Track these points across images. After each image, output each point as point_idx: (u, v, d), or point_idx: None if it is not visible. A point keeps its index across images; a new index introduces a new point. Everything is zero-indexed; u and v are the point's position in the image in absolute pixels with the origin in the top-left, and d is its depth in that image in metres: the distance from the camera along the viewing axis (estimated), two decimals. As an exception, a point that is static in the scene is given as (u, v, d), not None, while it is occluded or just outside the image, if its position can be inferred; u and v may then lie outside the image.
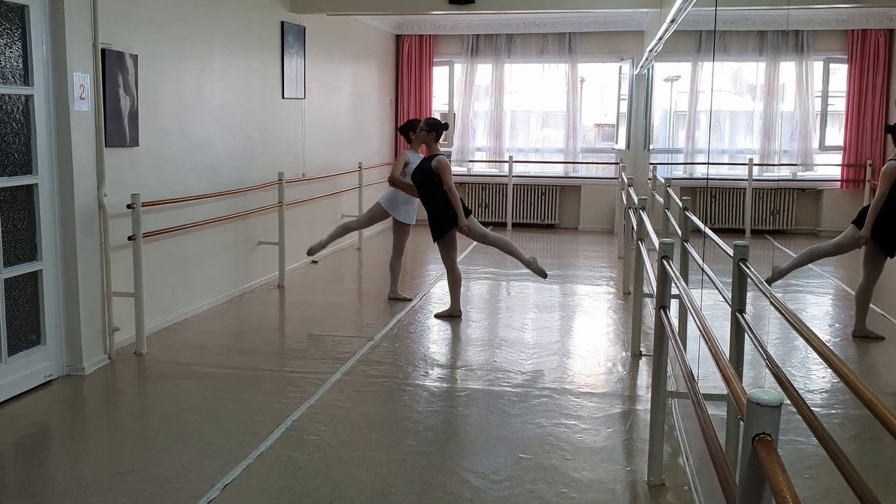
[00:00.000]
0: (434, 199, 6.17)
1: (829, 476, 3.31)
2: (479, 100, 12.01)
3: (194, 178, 6.15)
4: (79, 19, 4.67)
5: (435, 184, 6.12)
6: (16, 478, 3.48)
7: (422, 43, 11.64)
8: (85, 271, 4.80)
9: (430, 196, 6.19)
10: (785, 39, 10.78)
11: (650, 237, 4.84)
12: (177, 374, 4.84)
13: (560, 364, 5.13)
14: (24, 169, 4.46)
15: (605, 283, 7.78)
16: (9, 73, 4.32)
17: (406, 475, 3.47)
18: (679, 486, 3.37)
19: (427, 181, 6.16)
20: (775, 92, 11.02)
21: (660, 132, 12.52)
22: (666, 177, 7.54)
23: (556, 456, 3.68)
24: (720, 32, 10.73)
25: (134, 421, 4.23)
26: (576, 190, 11.64)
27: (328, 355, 5.24)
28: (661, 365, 3.28)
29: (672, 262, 3.38)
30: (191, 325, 5.97)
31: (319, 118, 8.74)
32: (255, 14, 7.23)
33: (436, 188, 6.13)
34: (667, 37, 7.21)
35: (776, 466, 1.38)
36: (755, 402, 1.47)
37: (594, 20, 10.95)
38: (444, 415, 4.24)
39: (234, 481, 3.38)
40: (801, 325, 2.38)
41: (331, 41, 9.09)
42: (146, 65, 5.46)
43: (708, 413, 2.27)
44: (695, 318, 2.65)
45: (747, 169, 10.92)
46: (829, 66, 10.88)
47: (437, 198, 6.14)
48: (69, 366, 4.79)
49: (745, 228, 10.79)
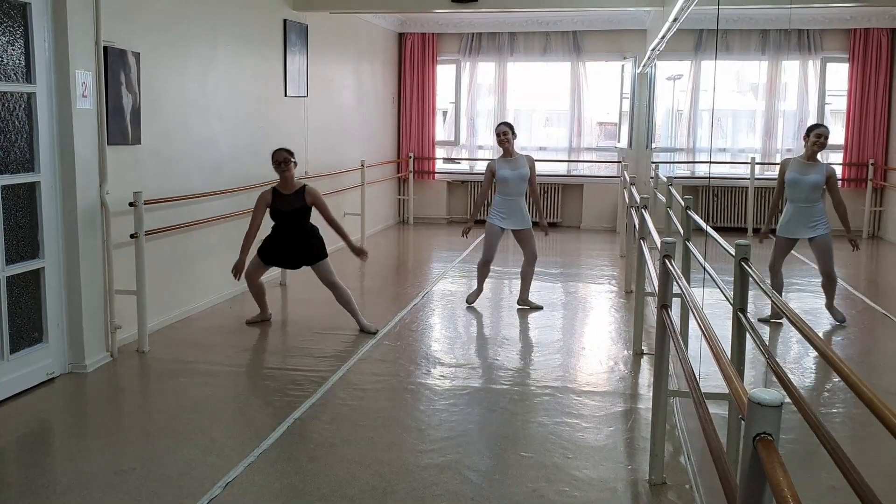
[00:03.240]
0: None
1: (829, 475, 3.30)
2: (481, 98, 12.01)
3: (196, 176, 6.15)
4: (81, 17, 4.68)
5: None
6: (18, 475, 3.49)
7: (425, 41, 11.64)
8: (87, 269, 4.81)
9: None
10: (787, 38, 10.76)
11: (652, 236, 4.83)
12: (179, 371, 4.85)
13: (562, 362, 5.14)
14: (26, 167, 4.47)
15: (607, 282, 7.78)
16: (11, 71, 4.32)
17: (408, 473, 3.47)
18: (680, 485, 3.37)
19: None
20: (777, 91, 11.00)
21: (662, 131, 12.51)
22: (668, 175, 7.54)
23: (557, 454, 3.68)
24: (722, 31, 10.71)
25: (136, 419, 4.24)
26: (578, 188, 11.64)
27: (330, 353, 5.25)
28: (663, 364, 3.28)
29: (674, 261, 3.38)
30: (193, 322, 5.97)
31: (322, 116, 8.74)
32: (258, 12, 7.23)
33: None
34: (669, 35, 7.20)
35: (777, 466, 1.38)
36: (756, 401, 1.48)
37: (597, 19, 10.95)
38: (446, 413, 4.25)
39: (236, 479, 3.39)
40: (803, 325, 2.38)
41: (333, 39, 9.09)
42: (149, 62, 5.47)
43: (709, 412, 2.27)
44: (696, 317, 2.65)
45: (749, 168, 10.91)
46: (825, 66, 10.86)
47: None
48: (71, 363, 4.80)
49: (747, 227, 10.79)
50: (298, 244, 5.73)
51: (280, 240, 5.75)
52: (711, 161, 11.56)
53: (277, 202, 5.65)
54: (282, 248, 5.75)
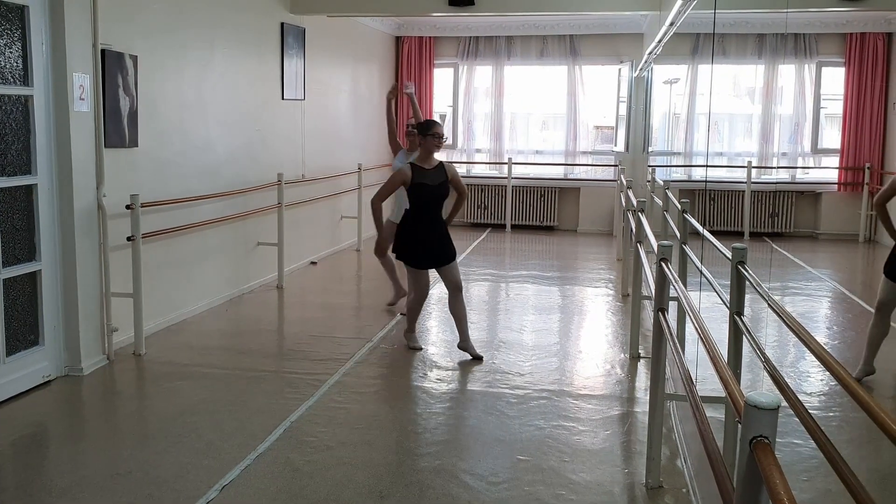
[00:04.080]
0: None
1: (826, 479, 3.31)
2: (479, 101, 12.02)
3: (194, 179, 6.15)
4: (79, 20, 4.68)
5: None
6: (14, 478, 3.48)
7: (422, 44, 11.65)
8: (84, 272, 4.80)
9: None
10: (783, 43, 10.79)
11: (649, 239, 4.84)
12: (175, 374, 4.84)
13: (558, 366, 5.14)
14: (23, 169, 4.47)
15: (604, 285, 7.78)
16: (8, 74, 4.32)
17: (404, 477, 3.47)
18: (677, 489, 3.37)
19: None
20: (774, 95, 11.04)
21: (659, 134, 12.53)
22: (665, 179, 7.55)
23: (554, 458, 3.68)
24: (719, 35, 10.74)
25: (132, 422, 4.23)
26: (575, 192, 11.65)
27: (327, 356, 5.24)
28: (660, 367, 3.29)
29: (671, 265, 3.38)
30: (189, 325, 5.97)
31: (319, 119, 8.74)
32: (256, 15, 7.24)
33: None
34: (666, 39, 7.21)
35: (773, 469, 1.38)
36: (753, 404, 1.48)
37: (594, 22, 10.97)
38: (443, 416, 4.25)
39: (233, 482, 3.38)
40: (799, 328, 2.39)
41: (331, 42, 9.09)
42: (146, 65, 5.47)
43: (706, 415, 2.27)
44: (693, 320, 2.66)
45: (746, 171, 10.94)
46: (821, 70, 10.90)
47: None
48: (67, 366, 4.79)
49: (744, 231, 10.81)
50: (438, 230, 5.20)
51: (421, 229, 5.15)
52: (708, 165, 11.59)
53: (419, 176, 5.12)
54: (426, 238, 5.14)
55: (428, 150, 5.20)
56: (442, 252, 5.23)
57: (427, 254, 5.21)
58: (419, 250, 5.19)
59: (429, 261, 5.24)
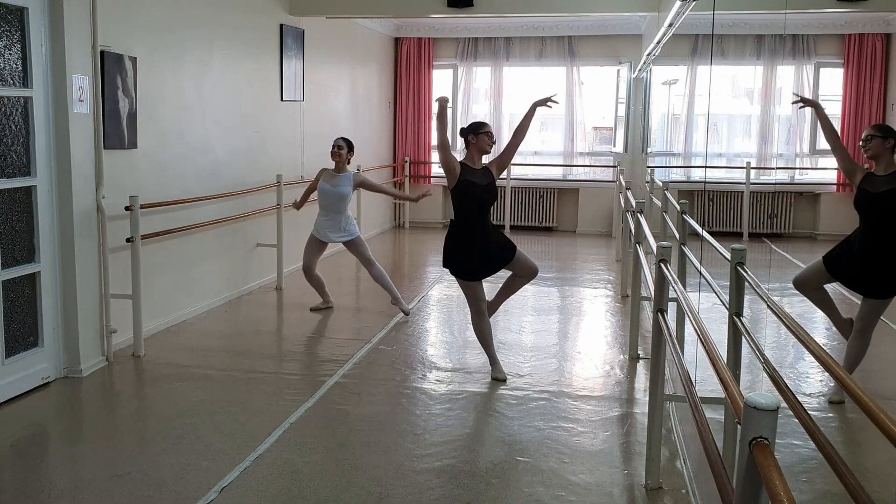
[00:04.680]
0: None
1: (825, 479, 3.31)
2: (478, 102, 12.03)
3: (193, 181, 6.15)
4: (78, 21, 4.68)
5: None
6: (12, 480, 3.48)
7: (420, 46, 11.66)
8: (83, 273, 4.80)
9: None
10: (782, 44, 10.81)
11: (648, 240, 4.84)
12: (174, 376, 4.84)
13: (558, 367, 5.14)
14: (22, 171, 4.47)
15: (603, 286, 7.79)
16: (8, 75, 4.32)
17: (403, 478, 3.47)
18: (676, 490, 3.37)
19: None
20: (773, 96, 11.05)
21: (658, 135, 12.54)
22: (664, 180, 7.56)
23: (553, 459, 3.68)
24: (718, 36, 10.75)
25: (131, 423, 4.23)
26: (574, 193, 11.65)
27: (326, 358, 5.24)
28: (659, 368, 3.29)
29: (670, 266, 3.38)
30: (189, 327, 5.96)
31: (318, 121, 8.74)
32: (255, 16, 7.24)
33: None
34: (665, 40, 7.22)
35: (773, 470, 1.38)
36: (752, 405, 1.48)
37: (592, 24, 10.98)
38: (442, 417, 4.25)
39: (232, 484, 3.38)
40: (798, 329, 2.39)
41: (330, 44, 9.10)
42: (145, 67, 5.47)
43: (705, 416, 2.28)
44: (692, 321, 2.66)
45: (745, 172, 10.94)
46: (819, 71, 10.91)
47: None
48: (66, 368, 4.79)
49: (743, 232, 10.81)
50: (490, 236, 4.89)
51: (471, 236, 4.83)
52: (707, 166, 11.59)
53: (468, 173, 4.82)
54: (478, 245, 4.81)
55: (481, 150, 4.93)
56: (500, 253, 4.85)
57: (483, 261, 4.82)
58: (473, 260, 4.81)
59: (486, 269, 4.86)
